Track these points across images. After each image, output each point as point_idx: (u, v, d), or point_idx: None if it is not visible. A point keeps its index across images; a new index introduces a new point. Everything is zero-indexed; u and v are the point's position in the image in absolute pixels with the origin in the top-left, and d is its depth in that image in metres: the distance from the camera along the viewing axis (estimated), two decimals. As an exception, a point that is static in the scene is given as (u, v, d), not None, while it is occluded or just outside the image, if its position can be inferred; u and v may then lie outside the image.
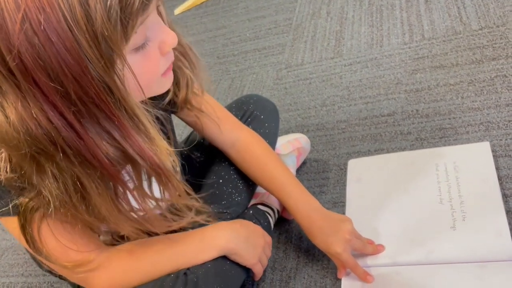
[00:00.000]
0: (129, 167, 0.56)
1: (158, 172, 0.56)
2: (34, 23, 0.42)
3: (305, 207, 0.80)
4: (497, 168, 0.85)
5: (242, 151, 0.85)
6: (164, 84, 0.60)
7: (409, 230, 0.81)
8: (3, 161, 0.53)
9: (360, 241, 0.79)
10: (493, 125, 0.95)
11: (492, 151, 0.88)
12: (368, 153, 1.01)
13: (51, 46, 0.43)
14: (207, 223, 0.69)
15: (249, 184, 0.88)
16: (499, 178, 0.84)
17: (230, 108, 0.95)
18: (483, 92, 1.02)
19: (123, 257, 0.69)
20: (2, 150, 0.53)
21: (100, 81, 0.46)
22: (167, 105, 0.72)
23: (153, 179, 0.59)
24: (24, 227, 0.59)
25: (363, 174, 0.95)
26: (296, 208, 0.80)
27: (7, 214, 0.59)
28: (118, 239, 0.71)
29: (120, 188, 0.56)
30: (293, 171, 0.98)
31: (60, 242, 0.60)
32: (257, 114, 0.92)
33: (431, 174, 0.88)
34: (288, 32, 1.54)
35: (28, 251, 0.78)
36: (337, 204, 0.94)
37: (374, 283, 0.76)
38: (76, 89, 0.45)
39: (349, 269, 0.79)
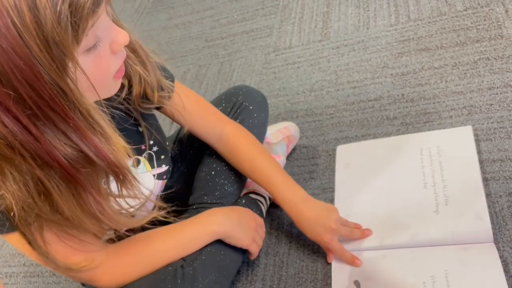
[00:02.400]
0: None
1: (115, 171, 0.57)
2: None
3: (293, 198, 0.83)
4: (479, 152, 0.89)
5: (229, 145, 0.87)
6: (115, 86, 0.61)
7: (395, 214, 0.85)
8: None
9: (347, 228, 0.83)
10: (476, 109, 0.98)
11: (474, 135, 0.92)
12: (356, 138, 1.04)
13: (1, 52, 0.43)
14: (166, 219, 0.70)
15: (240, 174, 0.91)
16: (480, 162, 0.87)
17: (219, 99, 0.97)
18: (467, 76, 1.05)
19: (122, 252, 0.73)
20: None
21: (53, 84, 0.46)
22: (143, 103, 0.74)
23: None
24: (27, 238, 0.61)
25: (351, 160, 0.99)
26: (283, 200, 0.84)
27: (8, 231, 0.60)
28: (125, 233, 0.73)
29: (80, 188, 0.57)
30: (283, 158, 1.01)
31: (62, 246, 0.63)
32: (246, 105, 0.94)
33: (416, 159, 0.91)
34: (276, 13, 1.54)
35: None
36: (326, 190, 0.98)
37: (362, 266, 0.81)
38: (29, 94, 0.45)
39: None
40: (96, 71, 0.53)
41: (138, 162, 0.79)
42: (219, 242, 0.79)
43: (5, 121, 0.47)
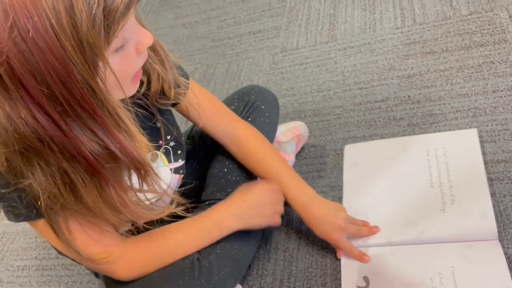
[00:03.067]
0: None
1: (138, 167, 0.60)
2: (22, 31, 0.44)
3: (302, 198, 0.86)
4: (483, 153, 0.92)
5: (240, 145, 0.89)
6: (129, 91, 0.62)
7: (402, 212, 0.88)
8: None
9: (355, 226, 0.86)
10: (481, 111, 1.01)
11: (479, 137, 0.95)
12: (363, 138, 1.07)
13: (38, 52, 0.45)
14: (185, 215, 0.72)
15: (251, 173, 0.93)
16: (485, 163, 0.90)
17: (232, 98, 0.99)
18: (471, 79, 1.08)
19: (140, 246, 0.75)
20: None
21: (85, 83, 0.49)
22: (160, 99, 0.76)
23: None
24: (52, 226, 0.63)
25: (359, 159, 1.01)
26: (293, 199, 0.86)
27: (36, 218, 0.64)
28: (141, 228, 0.76)
29: (104, 181, 0.59)
30: (293, 157, 1.04)
31: (85, 235, 0.65)
32: (258, 104, 0.96)
33: (423, 160, 0.94)
34: (283, 14, 1.57)
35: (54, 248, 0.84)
36: (335, 188, 1.00)
37: (371, 262, 0.83)
38: (62, 91, 0.48)
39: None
40: (122, 71, 0.56)
41: (156, 156, 0.81)
42: (233, 236, 0.81)
43: (37, 116, 0.49)
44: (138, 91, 0.72)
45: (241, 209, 0.81)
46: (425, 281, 0.77)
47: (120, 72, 0.55)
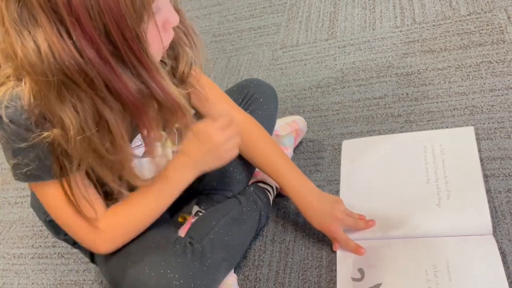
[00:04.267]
0: None
1: (176, 109, 0.63)
2: None
3: (301, 190, 0.87)
4: (480, 150, 0.93)
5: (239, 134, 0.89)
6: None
7: (398, 207, 0.88)
8: (26, 92, 0.57)
9: (351, 219, 0.87)
10: (477, 109, 1.02)
11: (476, 134, 0.96)
12: (361, 134, 1.08)
13: None
14: None
15: (249, 163, 0.94)
16: (481, 160, 0.91)
17: (231, 91, 1.00)
18: (469, 77, 1.09)
19: (119, 216, 0.75)
20: (26, 80, 0.57)
21: (132, 28, 0.53)
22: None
23: None
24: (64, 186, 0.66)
25: (357, 155, 1.02)
26: (292, 191, 0.87)
27: (47, 178, 0.65)
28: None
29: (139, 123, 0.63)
30: (291, 150, 1.05)
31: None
32: (257, 97, 0.97)
33: (420, 156, 0.95)
34: (283, 11, 1.57)
35: (45, 220, 0.85)
36: (332, 182, 1.01)
37: (366, 255, 0.84)
38: (115, 31, 0.53)
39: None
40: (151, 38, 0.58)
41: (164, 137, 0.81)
42: (228, 223, 0.82)
43: (87, 51, 0.53)
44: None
45: (198, 159, 0.78)
46: (419, 274, 0.77)
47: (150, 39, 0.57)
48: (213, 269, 0.75)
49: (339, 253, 0.87)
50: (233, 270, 0.87)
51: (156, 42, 0.59)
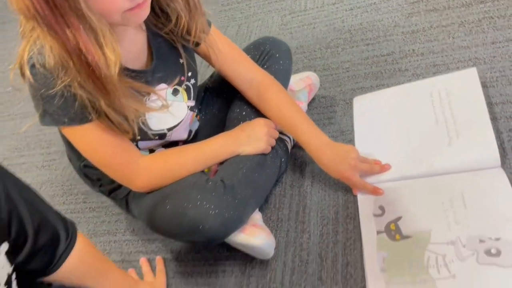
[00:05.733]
0: None
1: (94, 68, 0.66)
2: None
3: (317, 142, 0.93)
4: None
5: (259, 91, 0.96)
6: (130, 20, 0.68)
7: (411, 149, 0.95)
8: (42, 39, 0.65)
9: (366, 164, 0.93)
10: (480, 61, 1.08)
11: (480, 82, 1.02)
12: (371, 88, 1.14)
13: None
14: None
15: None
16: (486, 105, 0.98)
17: (248, 48, 1.06)
18: (472, 32, 1.15)
19: (158, 160, 0.86)
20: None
21: None
22: (184, 37, 0.84)
23: None
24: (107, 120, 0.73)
25: (368, 108, 1.09)
26: (308, 144, 0.94)
27: (73, 123, 0.72)
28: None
29: None
30: (305, 105, 1.11)
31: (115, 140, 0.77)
32: (273, 53, 1.03)
33: (427, 101, 1.01)
34: (290, -21, 1.62)
35: (80, 168, 0.93)
36: (345, 132, 1.08)
37: (385, 195, 0.91)
38: None
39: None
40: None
41: (177, 91, 0.88)
42: (253, 166, 0.89)
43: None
44: (165, 26, 0.80)
45: (240, 136, 0.92)
46: (437, 205, 0.84)
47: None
48: (243, 204, 0.83)
49: (360, 196, 0.93)
50: (257, 209, 0.94)
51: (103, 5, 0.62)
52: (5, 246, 0.52)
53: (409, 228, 0.83)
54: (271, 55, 1.03)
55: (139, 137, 0.85)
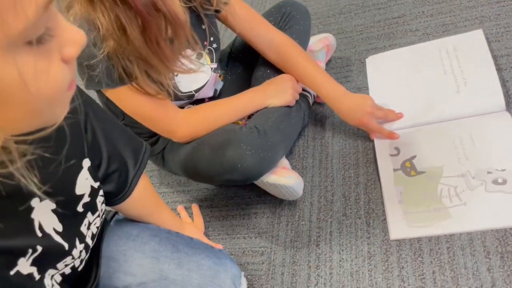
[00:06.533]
0: None
1: (174, 20, 0.75)
2: None
3: (335, 93, 1.02)
4: (490, 51, 1.08)
5: (278, 51, 1.04)
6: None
7: (422, 99, 1.04)
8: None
9: (381, 111, 1.02)
10: (486, 18, 1.16)
11: (486, 38, 1.10)
12: (384, 49, 1.23)
13: None
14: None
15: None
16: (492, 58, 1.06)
17: (270, 11, 1.14)
18: (478, -7, 1.23)
19: (195, 113, 0.94)
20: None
21: None
22: (205, 4, 0.92)
23: None
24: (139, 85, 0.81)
25: (381, 66, 1.17)
26: (328, 95, 1.02)
27: (116, 85, 0.80)
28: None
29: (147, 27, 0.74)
30: (323, 64, 1.20)
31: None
32: (293, 14, 1.12)
33: (436, 57, 1.10)
34: (301, -49, 1.69)
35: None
36: (361, 89, 1.17)
37: (400, 139, 1.00)
38: None
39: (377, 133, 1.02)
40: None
41: (201, 55, 0.97)
42: (280, 116, 0.98)
43: None
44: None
45: (267, 90, 1.01)
46: (448, 144, 0.93)
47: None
48: (274, 147, 0.92)
49: (376, 141, 1.02)
50: (285, 157, 1.03)
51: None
52: (87, 162, 0.61)
53: (423, 164, 0.93)
54: (292, 16, 1.11)
55: (170, 98, 0.94)
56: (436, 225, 0.84)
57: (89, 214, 0.61)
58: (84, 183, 0.60)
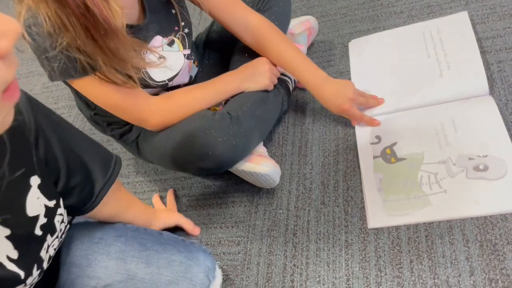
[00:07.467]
0: None
1: (105, 22, 0.68)
2: None
3: (315, 80, 0.98)
4: (475, 33, 1.04)
5: (255, 34, 0.99)
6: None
7: (404, 83, 1.01)
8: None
9: (362, 98, 0.99)
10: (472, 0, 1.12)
11: (471, 20, 1.06)
12: (368, 31, 1.19)
13: None
14: None
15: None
16: (476, 40, 1.03)
17: (250, -8, 1.10)
18: (465, -27, 1.19)
19: (168, 99, 0.90)
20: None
21: None
22: None
23: None
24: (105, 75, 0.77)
25: (363, 49, 1.14)
26: (308, 82, 0.98)
27: (79, 75, 0.76)
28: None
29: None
30: (305, 48, 1.16)
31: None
32: None
33: (419, 40, 1.06)
34: None
35: (91, 116, 0.97)
36: (343, 73, 1.13)
37: (381, 126, 0.97)
38: None
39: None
40: None
41: (172, 42, 0.93)
42: (256, 101, 0.94)
43: None
44: None
45: (243, 73, 0.97)
46: (429, 130, 0.90)
47: None
48: (248, 133, 0.89)
49: (358, 128, 0.99)
50: (262, 144, 1.00)
51: None
52: (36, 179, 0.55)
53: (403, 151, 0.90)
54: (272, -3, 1.07)
55: (142, 87, 0.90)
56: (415, 213, 0.81)
57: (48, 236, 0.57)
58: (36, 202, 0.55)
